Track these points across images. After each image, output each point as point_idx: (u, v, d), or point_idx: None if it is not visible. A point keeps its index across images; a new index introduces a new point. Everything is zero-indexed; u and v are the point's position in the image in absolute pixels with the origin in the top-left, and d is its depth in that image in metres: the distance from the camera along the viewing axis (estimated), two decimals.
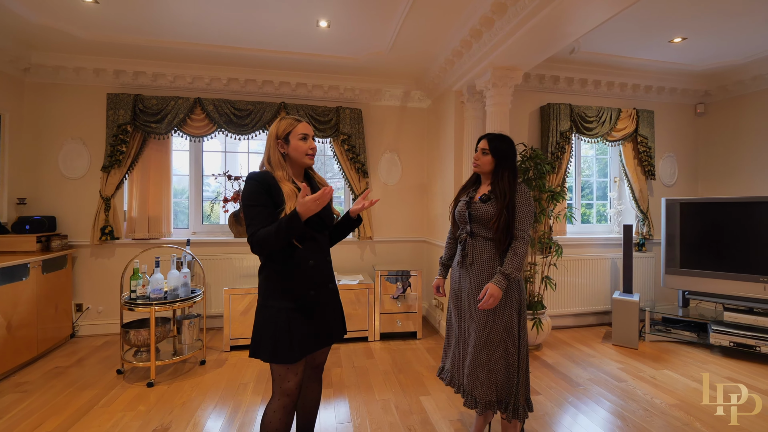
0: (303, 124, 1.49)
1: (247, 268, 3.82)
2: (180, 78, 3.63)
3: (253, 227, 1.32)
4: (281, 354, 1.34)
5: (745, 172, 3.82)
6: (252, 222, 1.32)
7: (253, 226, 1.32)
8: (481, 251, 1.72)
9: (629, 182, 3.98)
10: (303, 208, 1.26)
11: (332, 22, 2.77)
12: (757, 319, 3.05)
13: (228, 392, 2.52)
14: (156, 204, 3.66)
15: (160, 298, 2.66)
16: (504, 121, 2.89)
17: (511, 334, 1.69)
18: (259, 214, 1.33)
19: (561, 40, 2.42)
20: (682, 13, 2.73)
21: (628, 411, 2.30)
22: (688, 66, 3.67)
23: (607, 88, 3.89)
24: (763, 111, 3.68)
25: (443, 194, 3.66)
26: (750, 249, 3.14)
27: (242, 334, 3.26)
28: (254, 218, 1.32)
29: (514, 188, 1.70)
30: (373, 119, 4.10)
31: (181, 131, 3.61)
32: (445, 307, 3.62)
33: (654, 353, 3.19)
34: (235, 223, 3.83)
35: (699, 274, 3.33)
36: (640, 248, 4.02)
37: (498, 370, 1.68)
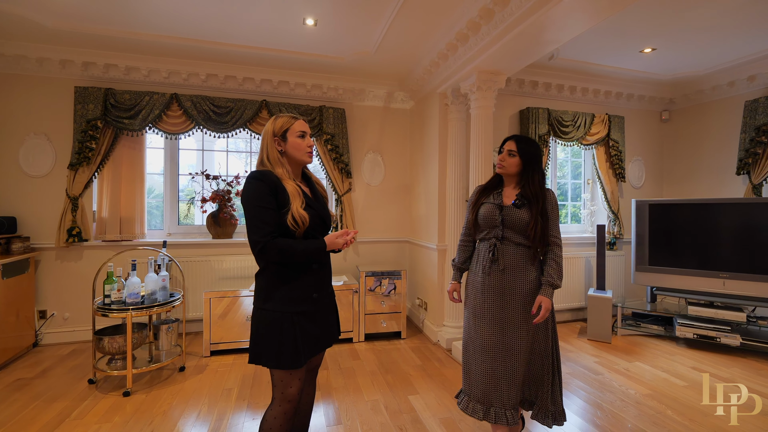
0: (300, 122, 1.46)
1: (227, 270, 3.71)
2: (155, 72, 3.48)
3: (263, 230, 1.28)
4: (286, 359, 1.31)
5: (705, 175, 4.10)
6: (261, 225, 1.28)
7: (263, 229, 1.28)
8: (513, 257, 1.67)
9: (602, 184, 4.18)
10: (332, 245, 1.39)
11: (319, 21, 2.73)
12: (717, 312, 3.29)
13: (211, 399, 2.44)
14: (129, 204, 3.48)
15: (137, 303, 2.53)
16: (488, 124, 2.95)
17: (553, 341, 1.72)
18: (269, 217, 1.29)
19: (544, 46, 2.50)
20: (653, 26, 2.90)
21: (605, 401, 2.41)
22: (656, 75, 3.89)
23: (582, 93, 4.07)
24: (720, 118, 3.96)
25: (427, 195, 3.70)
26: (711, 247, 3.37)
27: (222, 339, 3.16)
28: (263, 221, 1.28)
29: (545, 192, 1.69)
30: (356, 119, 4.08)
31: (156, 128, 3.45)
32: (429, 306, 3.66)
33: (626, 346, 3.36)
34: (213, 223, 3.72)
35: (666, 271, 3.54)
36: (612, 247, 4.23)
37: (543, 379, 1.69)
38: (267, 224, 1.29)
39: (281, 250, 1.29)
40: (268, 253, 1.28)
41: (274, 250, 1.28)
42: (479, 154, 2.93)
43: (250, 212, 1.31)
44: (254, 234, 1.28)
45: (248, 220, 1.31)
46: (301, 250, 1.32)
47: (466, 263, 1.89)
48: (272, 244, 1.28)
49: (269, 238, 1.28)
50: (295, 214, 1.31)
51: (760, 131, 3.46)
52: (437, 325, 3.50)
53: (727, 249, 3.30)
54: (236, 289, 3.23)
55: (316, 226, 1.41)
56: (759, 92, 3.60)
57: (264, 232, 1.28)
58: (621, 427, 2.12)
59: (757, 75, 3.54)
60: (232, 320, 3.18)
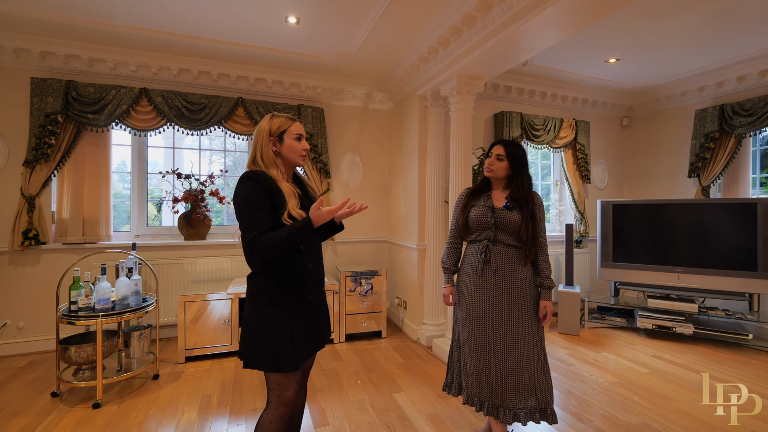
0: (297, 124, 1.45)
1: (200, 273, 3.58)
2: (122, 65, 3.29)
3: (254, 231, 1.24)
4: (284, 363, 1.29)
5: (660, 177, 4.43)
6: (252, 225, 1.24)
7: (254, 229, 1.24)
8: (505, 258, 1.73)
9: (569, 185, 4.41)
10: (318, 218, 1.24)
11: (302, 19, 2.70)
12: (673, 304, 3.57)
13: (190, 407, 2.35)
14: (92, 204, 3.28)
15: (107, 309, 2.39)
16: (467, 127, 3.04)
17: (543, 337, 1.79)
18: (261, 218, 1.26)
19: (521, 54, 2.61)
20: (618, 38, 3.10)
21: (578, 390, 2.56)
22: (618, 83, 4.16)
23: (552, 99, 4.27)
24: (674, 125, 4.29)
25: (406, 195, 3.75)
26: (667, 244, 3.65)
27: (197, 344, 3.05)
28: (255, 222, 1.25)
29: (533, 195, 1.76)
30: (334, 119, 4.06)
31: (124, 124, 3.27)
32: (409, 305, 3.71)
33: (593, 338, 3.57)
34: (186, 224, 3.58)
35: (628, 266, 3.79)
36: (578, 245, 4.47)
37: (543, 375, 1.74)
38: (260, 225, 1.25)
39: (266, 245, 1.23)
40: (258, 252, 1.24)
41: (262, 246, 1.23)
42: (459, 156, 3.01)
43: (244, 214, 1.27)
44: (245, 236, 1.25)
45: (242, 222, 1.27)
46: (285, 235, 1.23)
47: (458, 265, 1.93)
48: (259, 241, 1.23)
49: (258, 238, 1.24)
50: (293, 212, 1.30)
51: (709, 138, 3.79)
52: (417, 323, 3.56)
53: (681, 246, 3.59)
54: (211, 292, 3.12)
55: None
56: (707, 102, 3.94)
57: (253, 232, 1.24)
58: (594, 414, 2.26)
59: (706, 87, 3.88)
60: (208, 324, 3.08)
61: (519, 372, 1.71)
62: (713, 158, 3.80)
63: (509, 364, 1.71)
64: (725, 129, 3.70)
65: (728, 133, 3.69)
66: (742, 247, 3.31)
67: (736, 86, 3.68)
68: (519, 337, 1.72)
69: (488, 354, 1.73)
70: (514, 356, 1.71)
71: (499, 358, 1.72)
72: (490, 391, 1.72)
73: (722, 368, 2.90)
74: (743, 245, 3.31)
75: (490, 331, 1.74)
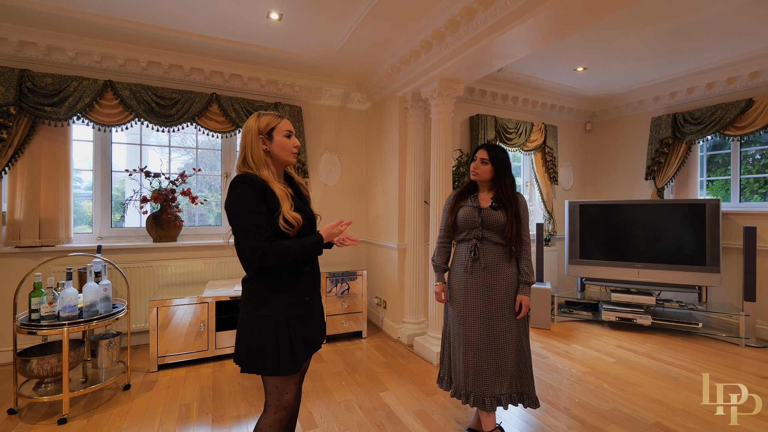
0: (286, 121, 1.43)
1: (171, 276, 3.42)
2: (84, 55, 3.07)
3: (262, 236, 1.23)
4: (284, 365, 1.27)
5: (620, 179, 4.75)
6: (258, 230, 1.23)
7: (261, 234, 1.23)
8: (493, 255, 1.81)
9: (539, 187, 4.62)
10: (329, 236, 1.36)
11: (285, 16, 2.65)
12: (633, 297, 3.84)
13: (169, 417, 2.24)
14: (50, 204, 3.04)
15: (73, 317, 2.23)
16: (447, 129, 3.11)
17: (527, 330, 1.88)
18: (264, 222, 1.25)
19: (501, 60, 2.72)
20: (586, 49, 3.30)
21: (554, 381, 2.70)
22: (584, 91, 4.42)
23: (523, 104, 4.46)
24: (632, 131, 4.62)
25: (386, 195, 3.77)
26: (627, 242, 3.92)
27: (169, 350, 2.91)
28: (258, 225, 1.23)
29: (516, 196, 1.84)
30: (312, 118, 4.01)
31: (86, 118, 3.05)
32: (389, 304, 3.74)
33: (563, 332, 3.77)
34: (155, 225, 3.40)
35: (593, 263, 4.04)
36: (547, 243, 4.70)
37: (524, 365, 1.84)
38: (264, 229, 1.25)
39: (281, 252, 1.25)
40: (269, 258, 1.23)
41: (275, 254, 1.24)
42: (440, 157, 3.08)
43: (244, 219, 1.24)
44: (253, 240, 1.23)
45: (241, 226, 1.24)
46: (300, 248, 1.30)
47: (448, 263, 1.99)
48: (272, 247, 1.24)
49: (269, 243, 1.24)
50: (287, 216, 1.28)
51: (663, 143, 4.11)
52: (397, 322, 3.59)
53: (640, 243, 3.87)
54: (185, 296, 2.99)
55: (308, 230, 1.39)
56: (662, 111, 4.27)
57: (263, 237, 1.23)
58: (570, 402, 2.40)
59: (660, 96, 4.21)
60: (182, 330, 2.94)
61: (505, 363, 1.80)
62: (667, 162, 4.13)
63: (496, 357, 1.80)
64: (677, 135, 4.04)
65: (680, 140, 4.03)
66: (693, 244, 3.63)
67: (687, 97, 4.02)
68: (506, 331, 1.81)
69: (477, 348, 1.81)
70: (500, 349, 1.80)
71: (487, 352, 1.80)
72: (477, 384, 1.80)
73: (677, 355, 3.16)
74: (693, 242, 3.62)
75: (479, 326, 1.81)
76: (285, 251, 1.26)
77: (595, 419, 2.21)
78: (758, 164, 3.83)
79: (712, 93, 3.84)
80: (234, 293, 3.08)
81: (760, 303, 3.49)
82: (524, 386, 1.84)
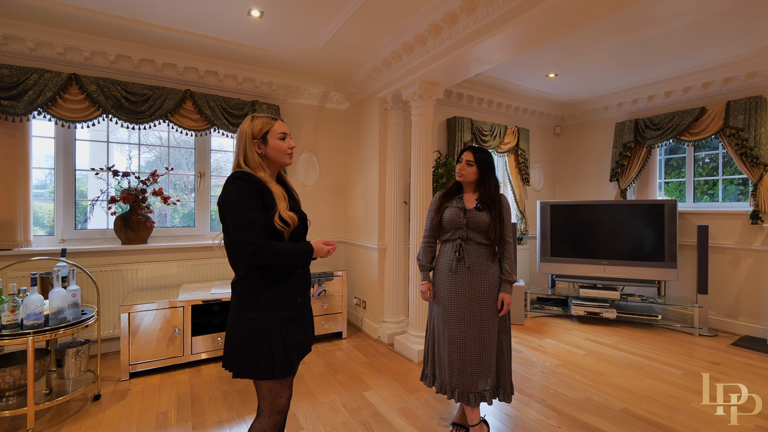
0: (280, 123, 1.42)
1: (143, 280, 3.27)
2: (45, 46, 2.89)
3: (256, 232, 1.22)
4: (279, 369, 1.26)
5: (587, 181, 5.00)
6: (252, 226, 1.22)
7: (254, 230, 1.22)
8: (477, 256, 1.86)
9: (512, 187, 4.79)
10: (319, 251, 1.39)
11: (266, 13, 2.60)
12: (600, 293, 4.07)
13: (145, 426, 2.16)
14: (7, 204, 2.83)
15: (39, 325, 2.10)
16: (427, 130, 3.16)
17: (509, 328, 1.95)
18: (258, 218, 1.24)
19: (480, 65, 2.80)
20: (558, 56, 3.46)
21: (530, 374, 2.82)
22: (554, 96, 4.62)
23: (497, 107, 4.60)
24: (598, 135, 4.88)
25: (365, 196, 3.79)
26: (594, 240, 4.15)
27: (141, 357, 2.79)
28: (254, 222, 1.22)
29: (500, 197, 1.90)
30: (291, 117, 3.96)
31: (48, 113, 2.87)
32: (369, 304, 3.75)
33: (536, 327, 3.93)
34: (124, 227, 3.25)
35: (563, 261, 4.24)
36: (519, 242, 4.87)
37: (503, 362, 1.90)
38: (258, 225, 1.24)
39: (274, 252, 1.25)
40: (261, 255, 1.23)
41: (268, 252, 1.24)
42: (420, 158, 3.13)
43: (239, 214, 1.24)
44: (246, 236, 1.22)
45: (236, 221, 1.24)
46: (291, 253, 1.31)
47: (432, 262, 2.04)
48: (266, 245, 1.24)
49: (263, 239, 1.24)
50: (283, 214, 1.29)
51: (626, 147, 4.37)
52: (377, 321, 3.62)
53: (605, 241, 4.10)
54: (158, 300, 2.88)
55: (300, 232, 1.39)
56: (625, 116, 4.54)
57: (257, 233, 1.23)
58: (546, 393, 2.52)
59: (624, 103, 4.48)
60: (155, 335, 2.83)
61: (488, 359, 1.86)
62: (629, 165, 4.40)
63: (479, 354, 1.85)
64: (639, 140, 4.31)
65: (641, 144, 4.30)
66: (652, 242, 3.89)
67: (648, 104, 4.30)
68: (490, 328, 1.87)
69: (461, 345, 1.86)
70: (484, 346, 1.86)
71: (471, 349, 1.86)
72: (461, 379, 1.86)
73: (640, 345, 3.38)
74: (653, 240, 3.88)
75: (463, 323, 1.87)
76: (276, 251, 1.26)
77: (570, 408, 2.33)
78: (707, 167, 4.16)
79: (670, 101, 4.13)
80: (211, 296, 3.00)
81: (711, 296, 3.79)
82: (501, 380, 1.93)
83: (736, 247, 3.69)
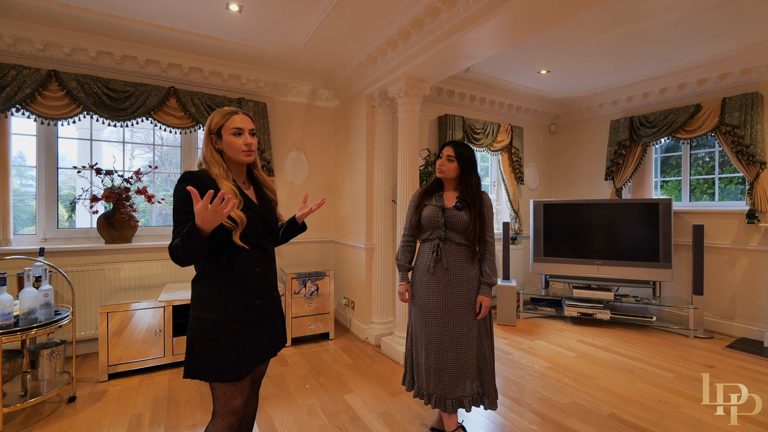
0: (237, 117, 1.34)
1: (126, 280, 3.23)
2: (24, 42, 2.84)
3: (174, 234, 1.20)
4: (228, 372, 1.21)
5: (582, 180, 4.92)
6: (175, 228, 1.21)
7: (175, 235, 1.19)
8: (455, 256, 1.79)
9: (506, 186, 4.71)
10: (200, 219, 1.07)
11: (245, 8, 2.55)
12: (593, 293, 3.98)
13: (117, 429, 2.11)
14: None
15: (8, 325, 2.05)
16: (414, 128, 3.10)
17: (490, 330, 1.87)
18: (184, 222, 1.19)
19: (465, 60, 2.73)
20: (549, 52, 3.39)
21: (517, 377, 2.75)
22: (548, 93, 4.54)
23: (490, 105, 4.53)
24: (592, 133, 4.80)
25: (353, 195, 3.73)
26: (588, 239, 4.07)
27: (122, 358, 2.74)
28: (178, 225, 1.20)
29: (481, 196, 1.82)
30: (278, 115, 3.90)
31: (27, 110, 2.83)
32: (357, 305, 3.69)
33: (528, 328, 3.86)
34: (107, 226, 3.20)
35: (557, 261, 4.16)
36: (513, 241, 4.80)
37: (485, 366, 1.83)
38: (179, 227, 1.21)
39: (171, 252, 1.16)
40: (172, 254, 1.16)
41: (173, 250, 1.15)
42: (407, 156, 3.06)
43: (173, 216, 1.23)
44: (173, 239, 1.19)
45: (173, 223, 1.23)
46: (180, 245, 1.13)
47: (412, 262, 1.97)
48: (171, 244, 1.16)
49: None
50: (231, 213, 1.23)
51: (621, 145, 4.29)
52: (365, 322, 3.56)
53: (600, 241, 4.02)
54: (139, 300, 2.83)
55: (256, 228, 1.33)
56: (620, 114, 4.46)
57: (173, 236, 1.21)
58: (531, 397, 2.45)
59: (618, 100, 4.39)
60: (135, 336, 2.78)
61: (466, 364, 1.79)
62: (625, 163, 4.32)
63: (457, 358, 1.78)
64: (634, 138, 4.22)
65: (636, 142, 4.22)
66: (647, 241, 3.80)
67: (642, 101, 4.22)
68: (468, 332, 1.80)
69: (438, 349, 1.79)
70: (462, 350, 1.79)
71: (449, 353, 1.79)
72: (439, 384, 1.79)
73: (633, 348, 3.30)
74: (648, 239, 3.80)
75: (441, 326, 1.80)
76: (174, 248, 1.15)
77: (555, 413, 2.26)
78: (707, 166, 4.07)
79: (665, 98, 4.04)
80: None
81: (707, 297, 3.71)
82: (485, 387, 1.85)
83: (732, 247, 3.61)
